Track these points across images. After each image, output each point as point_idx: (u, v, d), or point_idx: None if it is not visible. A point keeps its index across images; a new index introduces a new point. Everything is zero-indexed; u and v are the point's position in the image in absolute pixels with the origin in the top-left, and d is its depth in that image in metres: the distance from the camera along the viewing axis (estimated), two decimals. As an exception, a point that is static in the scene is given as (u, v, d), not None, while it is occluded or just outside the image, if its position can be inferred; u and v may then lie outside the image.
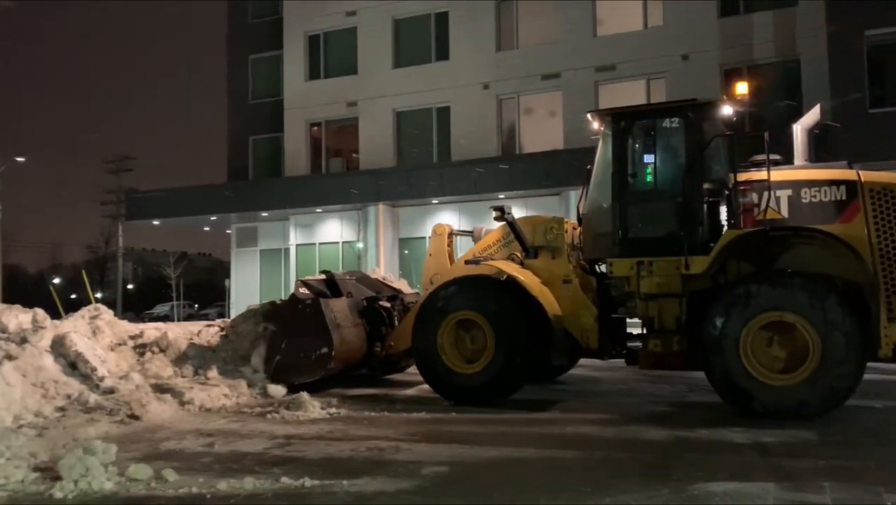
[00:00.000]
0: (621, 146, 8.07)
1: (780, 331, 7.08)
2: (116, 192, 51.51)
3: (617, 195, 7.99)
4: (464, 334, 8.45)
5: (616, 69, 22.25)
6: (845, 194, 7.23)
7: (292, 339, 9.26)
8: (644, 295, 7.88)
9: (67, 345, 8.46)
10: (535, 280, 8.44)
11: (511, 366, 8.12)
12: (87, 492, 4.82)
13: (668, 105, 8.26)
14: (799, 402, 6.89)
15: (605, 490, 4.76)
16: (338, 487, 4.90)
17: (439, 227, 10.00)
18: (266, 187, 26.55)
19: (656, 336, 7.83)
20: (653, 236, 7.90)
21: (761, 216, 7.43)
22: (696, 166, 7.74)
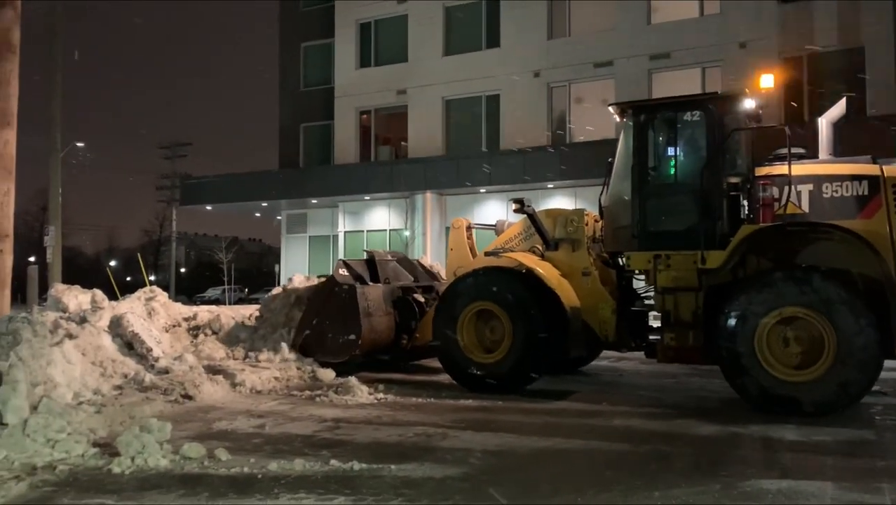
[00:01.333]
0: (642, 139, 8.01)
1: (797, 327, 6.96)
2: (171, 177, 52.70)
3: (637, 188, 7.95)
4: (483, 325, 8.54)
5: (670, 57, 21.83)
6: (867, 189, 7.08)
7: (323, 319, 9.48)
8: (661, 288, 7.86)
9: (125, 325, 8.71)
10: (553, 272, 8.46)
11: (528, 357, 8.16)
12: (144, 468, 4.95)
13: (689, 98, 8.20)
14: (813, 398, 6.79)
15: (654, 484, 4.70)
16: (386, 471, 4.94)
17: (457, 221, 10.12)
18: (316, 174, 26.84)
19: (672, 330, 7.77)
20: (671, 230, 7.85)
21: (781, 211, 7.29)
22: (716, 160, 7.66)
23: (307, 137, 29.60)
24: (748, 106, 8.01)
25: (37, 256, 34.24)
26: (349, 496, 4.37)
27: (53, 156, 22.92)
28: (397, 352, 9.97)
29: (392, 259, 10.97)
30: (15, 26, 8.59)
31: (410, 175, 24.03)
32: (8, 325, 6.90)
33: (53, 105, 22.75)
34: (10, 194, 8.59)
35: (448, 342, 8.54)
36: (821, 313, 6.78)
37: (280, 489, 4.52)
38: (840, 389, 6.70)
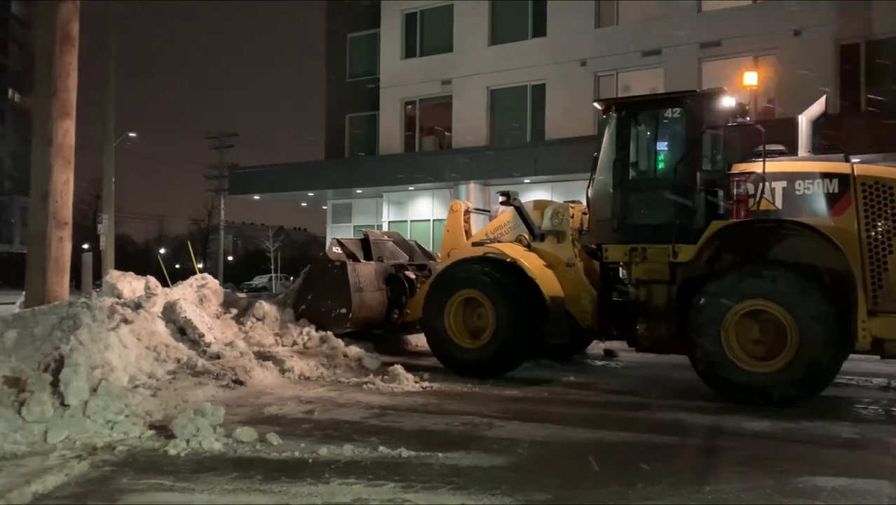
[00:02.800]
0: (623, 134, 8.28)
1: (762, 319, 7.16)
2: (219, 167, 53.61)
3: (617, 182, 8.21)
4: (470, 312, 8.95)
5: (721, 45, 21.34)
6: (838, 187, 7.26)
7: (318, 293, 10.06)
8: (636, 280, 8.14)
9: (177, 311, 8.91)
10: (537, 263, 8.81)
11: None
12: (198, 451, 5.08)
13: (669, 95, 8.56)
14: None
15: (705, 478, 4.66)
16: (434, 458, 4.98)
17: (455, 205, 10.47)
18: (361, 165, 27.02)
19: (646, 320, 8.07)
20: (647, 224, 8.10)
21: (756, 207, 7.50)
22: (693, 156, 7.88)
23: (353, 128, 29.79)
24: (727, 104, 8.18)
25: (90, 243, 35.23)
26: (398, 483, 4.42)
27: (107, 146, 23.52)
28: (389, 326, 10.44)
29: (389, 239, 11.46)
30: (74, 20, 8.81)
31: (454, 165, 24.01)
32: (68, 309, 7.12)
33: (107, 96, 23.33)
34: (69, 183, 8.83)
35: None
36: (783, 306, 6.96)
37: (330, 474, 4.59)
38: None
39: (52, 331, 6.81)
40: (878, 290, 7.05)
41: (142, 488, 4.27)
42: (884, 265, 7.07)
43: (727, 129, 8.20)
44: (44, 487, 4.23)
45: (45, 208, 8.66)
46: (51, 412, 5.41)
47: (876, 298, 7.04)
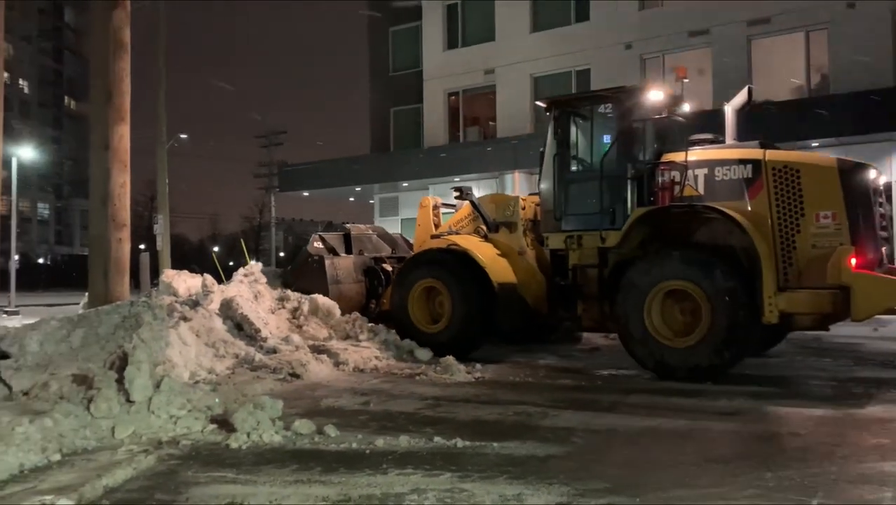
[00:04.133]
0: (561, 130, 8.96)
1: (681, 298, 7.74)
2: (268, 165, 54.40)
3: (557, 176, 8.91)
4: (431, 299, 9.75)
5: (771, 22, 20.74)
6: (751, 172, 7.76)
7: (300, 285, 10.68)
8: (573, 266, 8.85)
9: (234, 308, 9.11)
10: (489, 252, 9.55)
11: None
12: (259, 444, 5.19)
13: (600, 92, 9.19)
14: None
15: (765, 464, 4.57)
16: (489, 448, 5.01)
17: (424, 200, 11.19)
18: (406, 158, 27.10)
19: (584, 302, 8.74)
20: (582, 213, 8.76)
21: (680, 194, 8.06)
22: (623, 149, 8.49)
23: (397, 121, 29.89)
24: (655, 98, 8.63)
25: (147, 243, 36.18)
26: (455, 472, 4.46)
27: (160, 148, 24.11)
28: (368, 315, 10.81)
29: (372, 233, 12.03)
30: (126, 26, 9.04)
31: (499, 155, 23.90)
32: (130, 309, 7.35)
33: (159, 100, 23.90)
34: (126, 186, 9.09)
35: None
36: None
37: (388, 464, 4.65)
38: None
39: (116, 330, 7.04)
40: (788, 267, 7.53)
41: (206, 481, 4.39)
42: (793, 244, 7.54)
43: (657, 121, 8.74)
44: (114, 480, 4.39)
45: (105, 211, 8.93)
46: (117, 408, 5.60)
47: (787, 275, 7.52)
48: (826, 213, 7.40)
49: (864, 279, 7.11)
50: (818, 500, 3.95)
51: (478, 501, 3.95)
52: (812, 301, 7.36)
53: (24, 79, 72.86)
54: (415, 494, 4.07)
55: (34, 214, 73.47)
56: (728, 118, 9.15)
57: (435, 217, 11.05)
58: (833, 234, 7.36)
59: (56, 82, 79.10)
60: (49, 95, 77.68)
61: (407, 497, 4.01)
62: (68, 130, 78.80)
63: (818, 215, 7.44)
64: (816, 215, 7.45)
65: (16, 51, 66.54)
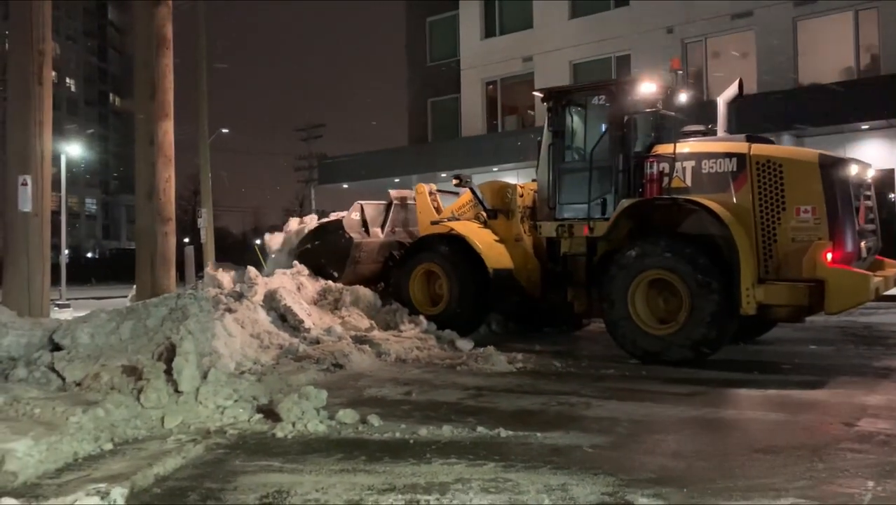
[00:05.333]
0: (556, 121, 9.16)
1: (661, 286, 7.96)
2: (308, 158, 54.93)
3: (552, 165, 9.16)
4: (431, 282, 10.24)
5: (817, 2, 20.21)
6: (736, 166, 7.89)
7: (322, 245, 11.08)
8: (563, 253, 9.17)
9: (277, 299, 9.23)
10: (487, 238, 9.88)
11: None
12: (304, 433, 5.25)
13: (595, 84, 9.51)
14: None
15: (817, 454, 4.48)
16: (532, 438, 4.99)
17: (420, 187, 11.39)
18: (444, 148, 27.09)
19: (574, 288, 9.05)
20: (574, 202, 9.01)
21: (668, 186, 8.23)
22: (615, 140, 8.62)
23: (435, 112, 29.88)
24: (649, 90, 8.69)
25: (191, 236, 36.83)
26: (498, 462, 4.45)
27: (202, 143, 24.48)
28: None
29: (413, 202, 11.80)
30: (168, 22, 9.19)
31: (537, 144, 23.75)
32: (177, 301, 7.48)
33: (200, 95, 24.24)
34: (170, 181, 9.25)
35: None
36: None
37: (431, 454, 4.67)
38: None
39: (163, 322, 7.16)
40: (769, 259, 7.66)
41: (253, 470, 4.46)
42: (773, 237, 7.67)
43: (650, 113, 8.80)
44: (164, 469, 4.48)
45: (150, 205, 9.10)
46: (166, 398, 5.72)
47: (767, 266, 7.66)
48: (806, 207, 7.53)
49: (838, 273, 7.25)
50: (871, 491, 3.85)
51: (522, 491, 3.94)
52: (788, 294, 7.51)
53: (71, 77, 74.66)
54: (459, 483, 4.07)
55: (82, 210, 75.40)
56: (720, 111, 9.31)
57: (434, 202, 11.33)
58: (812, 229, 7.49)
59: (101, 80, 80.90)
60: (95, 93, 79.52)
61: (451, 487, 4.02)
62: (114, 127, 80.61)
63: (798, 209, 7.58)
64: (797, 209, 7.58)
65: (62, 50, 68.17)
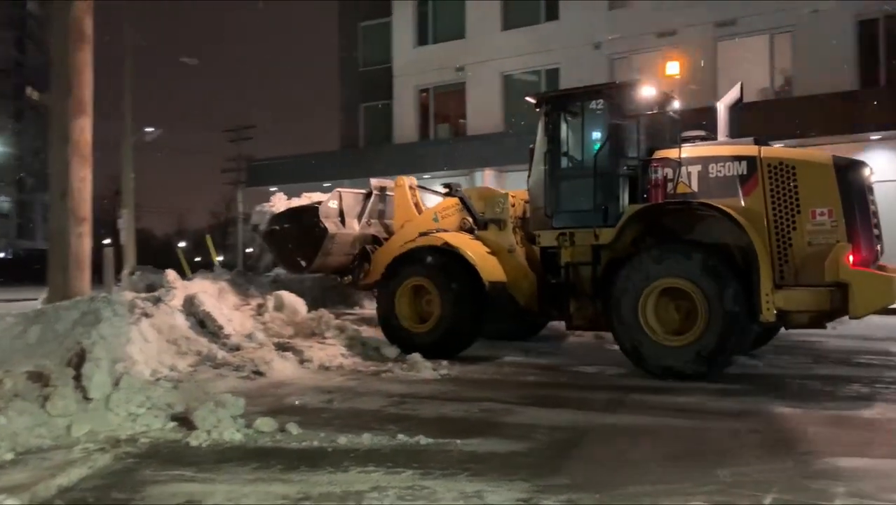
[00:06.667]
0: (553, 126, 8.83)
1: (677, 296, 7.64)
2: (237, 160, 53.75)
3: (548, 172, 8.76)
4: (419, 298, 9.47)
5: (737, 24, 21.05)
6: (746, 169, 7.69)
7: (293, 229, 10.69)
8: (565, 263, 8.69)
9: (196, 304, 9.00)
10: (479, 250, 9.31)
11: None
12: (219, 442, 5.13)
13: (591, 87, 9.01)
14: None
15: (720, 460, 4.64)
16: (452, 445, 5.00)
17: (400, 180, 11.04)
18: (376, 154, 26.99)
19: (576, 301, 8.61)
20: (574, 210, 8.62)
21: (673, 191, 7.99)
22: (615, 144, 8.34)
23: (367, 117, 29.77)
24: (647, 94, 8.49)
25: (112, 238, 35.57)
26: (417, 469, 4.45)
27: (125, 142, 23.72)
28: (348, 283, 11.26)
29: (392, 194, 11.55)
30: (87, 16, 8.84)
31: (470, 152, 23.92)
32: (89, 304, 7.20)
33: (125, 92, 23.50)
34: (86, 181, 8.90)
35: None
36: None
37: (349, 462, 4.62)
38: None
39: (74, 326, 6.89)
40: (784, 265, 7.47)
41: (164, 480, 4.32)
42: (788, 241, 7.48)
43: (649, 117, 8.57)
44: (68, 479, 4.30)
45: (65, 205, 8.74)
46: (74, 406, 5.49)
47: (782, 272, 7.46)
48: (822, 210, 7.35)
49: (863, 276, 7.06)
50: (773, 495, 4.01)
51: (438, 498, 3.95)
52: (810, 299, 7.29)
53: (-15, 69, 71.18)
54: (375, 491, 4.05)
55: (-5, 208, 71.86)
56: (720, 115, 9.06)
57: (413, 197, 10.95)
58: (829, 232, 7.30)
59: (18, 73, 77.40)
60: (10, 86, 76.00)
61: (367, 495, 3.99)
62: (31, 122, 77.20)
63: (814, 212, 7.38)
64: (812, 212, 7.38)
65: (-24, 40, 64.99)
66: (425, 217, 10.58)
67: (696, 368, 7.39)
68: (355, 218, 11.05)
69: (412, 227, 10.41)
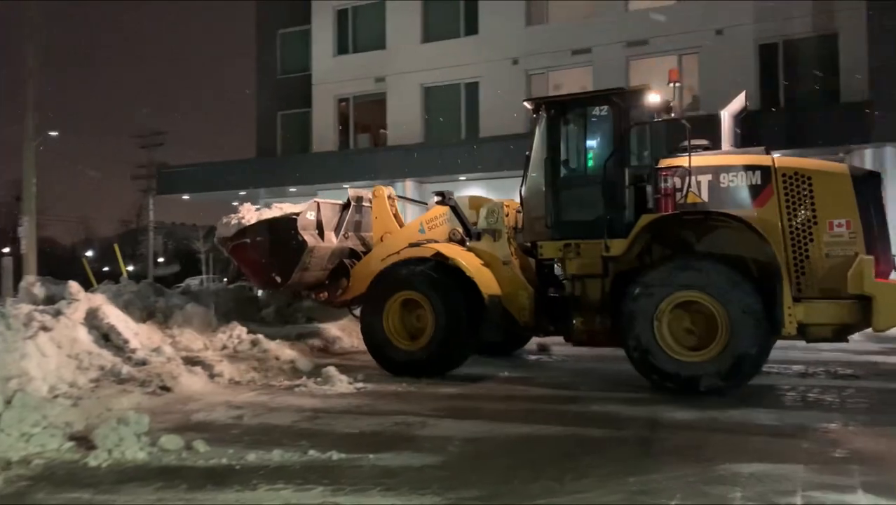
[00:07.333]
0: (553, 133, 8.40)
1: (693, 310, 7.35)
2: (147, 166, 52.07)
3: (549, 180, 8.32)
4: (408, 313, 8.88)
5: (648, 44, 21.82)
6: (760, 179, 7.51)
7: (264, 244, 9.93)
8: (570, 275, 8.30)
9: (100, 317, 8.62)
10: (474, 262, 8.84)
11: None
12: (121, 461, 4.92)
13: (596, 93, 8.56)
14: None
15: (632, 469, 4.75)
16: (364, 460, 4.95)
17: (378, 190, 10.50)
18: (294, 163, 26.62)
19: (582, 314, 8.21)
20: (579, 220, 8.24)
21: (683, 200, 7.72)
22: (621, 152, 8.00)
23: (285, 125, 29.32)
24: (653, 100, 8.28)
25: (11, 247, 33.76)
26: (327, 486, 4.38)
27: (27, 146, 22.60)
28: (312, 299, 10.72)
29: (370, 206, 10.91)
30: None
31: (390, 163, 23.89)
32: (-20, 318, 6.81)
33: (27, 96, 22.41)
34: (-20, 185, 8.42)
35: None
36: (712, 297, 7.16)
37: (258, 480, 4.51)
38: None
39: (-36, 341, 6.50)
40: (801, 277, 7.34)
41: (59, 502, 4.12)
42: (805, 253, 7.36)
43: (654, 124, 8.34)
44: (-48, 506, 4.04)
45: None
46: (-39, 427, 5.16)
47: (799, 284, 7.32)
48: (840, 221, 7.23)
49: (887, 288, 6.96)
50: (676, 502, 4.14)
51: (349, 515, 3.89)
52: (832, 311, 7.18)
53: None
54: (284, 509, 3.97)
55: None
56: (724, 124, 8.83)
57: (392, 206, 10.40)
58: (847, 243, 7.19)
59: None
60: None
61: (276, 513, 3.90)
62: (-78, 123, 72.57)
63: (831, 223, 7.26)
64: (830, 223, 7.26)
65: None
66: (410, 228, 10.05)
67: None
68: (333, 231, 10.36)
69: (394, 240, 9.88)
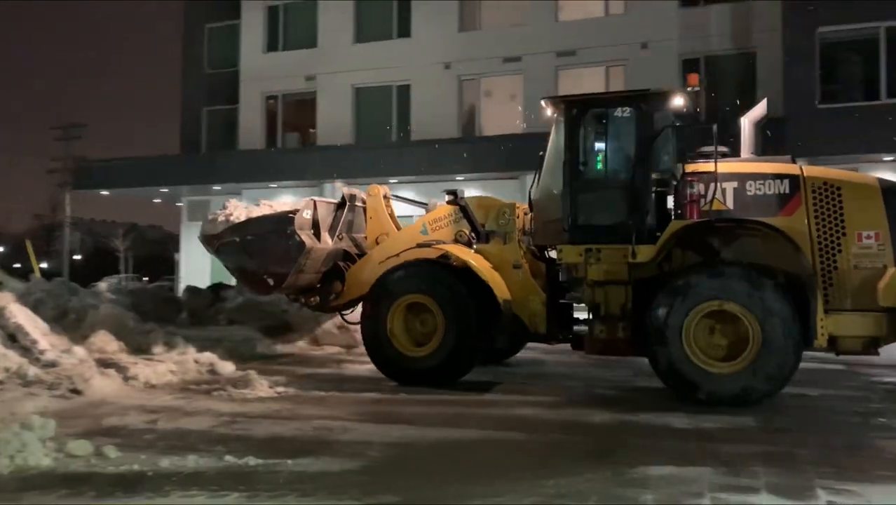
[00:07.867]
0: (573, 134, 8.06)
1: (722, 320, 7.24)
2: (64, 159, 49.94)
3: (568, 183, 7.99)
4: (413, 318, 8.48)
5: (576, 55, 22.28)
6: (788, 188, 7.37)
7: (255, 244, 9.23)
8: (591, 282, 7.95)
9: (7, 316, 8.25)
10: (486, 265, 8.47)
11: (460, 349, 8.16)
12: (24, 467, 4.71)
13: (620, 94, 8.27)
14: (740, 389, 7.07)
15: (546, 472, 4.84)
16: (282, 466, 4.88)
17: (373, 189, 10.02)
18: (219, 160, 26.01)
19: (602, 322, 7.94)
20: (602, 224, 7.95)
21: (707, 207, 7.53)
22: (646, 156, 7.79)
23: (211, 121, 28.64)
24: (678, 104, 8.08)
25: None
26: (243, 493, 4.30)
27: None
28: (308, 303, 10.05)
29: (363, 205, 10.42)
30: None
31: (318, 163, 23.63)
32: None
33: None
34: None
35: (378, 335, 8.42)
36: (745, 307, 7.06)
37: (171, 487, 4.40)
38: (766, 378, 7.01)
39: None
40: (829, 288, 7.29)
41: (-47, 513, 3.91)
42: (833, 264, 7.29)
43: (678, 128, 8.20)
44: None
45: None
46: None
47: (827, 296, 7.27)
48: (869, 232, 7.18)
49: None
50: (592, 503, 4.24)
51: (263, 522, 3.83)
52: (864, 324, 7.15)
53: None
54: (197, 517, 3.87)
55: None
56: (745, 131, 8.67)
57: (387, 207, 9.97)
58: (876, 255, 7.15)
59: None
60: None
61: (187, 521, 3.81)
62: None
63: (860, 235, 7.19)
64: (859, 235, 7.20)
65: None
66: (410, 229, 9.53)
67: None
68: (328, 231, 9.79)
69: (393, 241, 9.43)
